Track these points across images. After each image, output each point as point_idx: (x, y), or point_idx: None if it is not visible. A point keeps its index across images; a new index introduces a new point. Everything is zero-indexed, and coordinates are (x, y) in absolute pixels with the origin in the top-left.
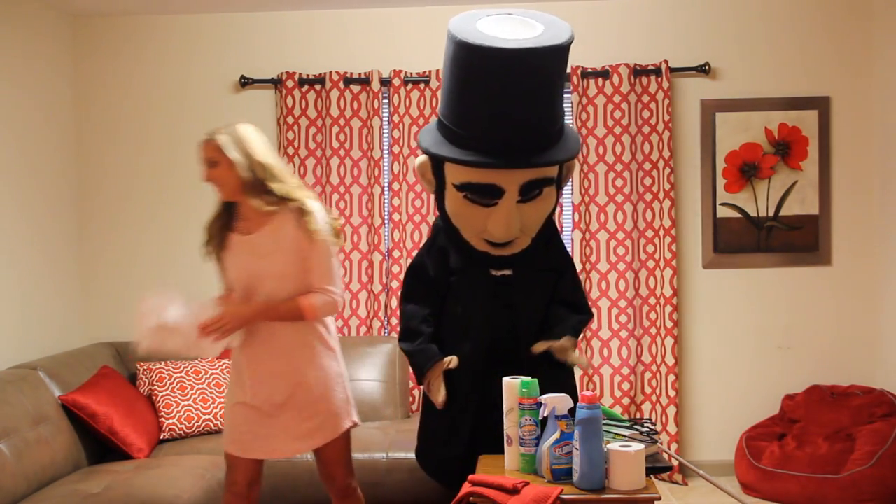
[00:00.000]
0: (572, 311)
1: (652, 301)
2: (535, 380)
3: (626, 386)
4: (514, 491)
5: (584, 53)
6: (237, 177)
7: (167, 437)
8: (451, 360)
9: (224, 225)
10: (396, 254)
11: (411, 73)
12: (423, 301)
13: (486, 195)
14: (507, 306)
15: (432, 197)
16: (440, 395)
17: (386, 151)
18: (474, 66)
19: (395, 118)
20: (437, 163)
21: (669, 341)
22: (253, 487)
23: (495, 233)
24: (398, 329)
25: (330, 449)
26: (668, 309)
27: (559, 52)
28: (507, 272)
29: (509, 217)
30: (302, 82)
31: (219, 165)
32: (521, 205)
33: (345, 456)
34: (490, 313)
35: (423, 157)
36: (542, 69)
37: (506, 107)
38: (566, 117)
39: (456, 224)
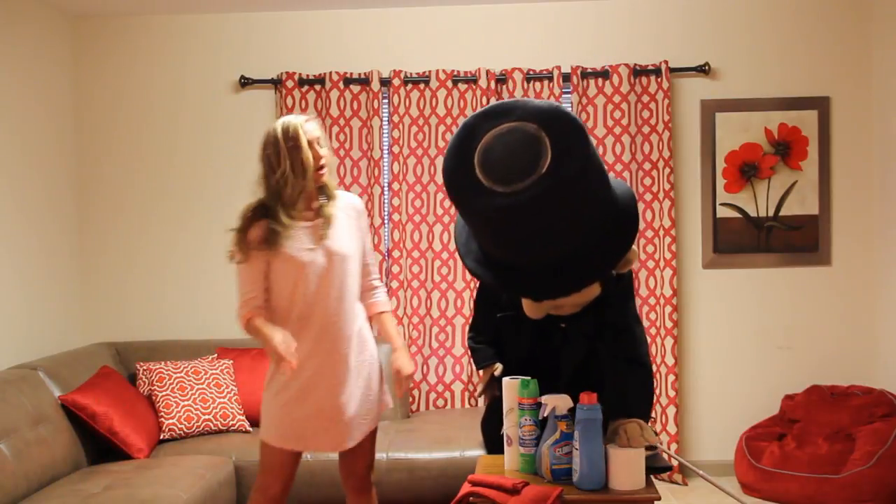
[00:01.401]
0: (624, 366)
1: (652, 301)
2: (535, 380)
3: None
4: (514, 491)
5: (584, 53)
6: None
7: (167, 437)
8: (498, 368)
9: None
10: (396, 254)
11: (411, 73)
12: (488, 305)
13: None
14: (553, 350)
15: (433, 197)
16: (478, 393)
17: (386, 151)
18: (456, 207)
19: (395, 118)
20: None
21: (669, 341)
22: (286, 493)
23: (525, 311)
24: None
25: (368, 436)
26: (668, 309)
27: (547, 202)
28: (561, 324)
29: (530, 308)
30: (302, 82)
31: (325, 147)
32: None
33: (374, 444)
34: (533, 355)
35: None
36: (527, 220)
37: (496, 247)
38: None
39: None
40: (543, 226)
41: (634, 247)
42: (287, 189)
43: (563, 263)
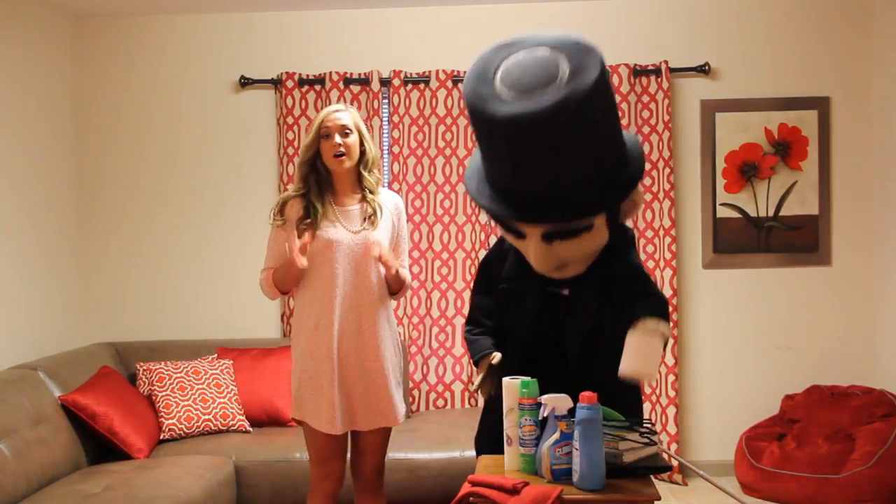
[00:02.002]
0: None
1: None
2: (535, 380)
3: None
4: (514, 491)
5: None
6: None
7: (167, 437)
8: (495, 357)
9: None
10: None
11: (411, 73)
12: (488, 294)
13: (510, 231)
14: (557, 322)
15: (433, 197)
16: (475, 386)
17: (386, 151)
18: (477, 125)
19: (395, 118)
20: None
21: (669, 341)
22: (337, 486)
23: (531, 263)
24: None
25: (377, 438)
26: (668, 309)
27: (566, 111)
28: (564, 291)
29: (538, 256)
30: (302, 82)
31: (350, 135)
32: (555, 243)
33: (385, 447)
34: (538, 329)
35: None
36: (545, 134)
37: (513, 168)
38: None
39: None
40: (559, 142)
41: (641, 188)
42: (302, 171)
43: (573, 189)
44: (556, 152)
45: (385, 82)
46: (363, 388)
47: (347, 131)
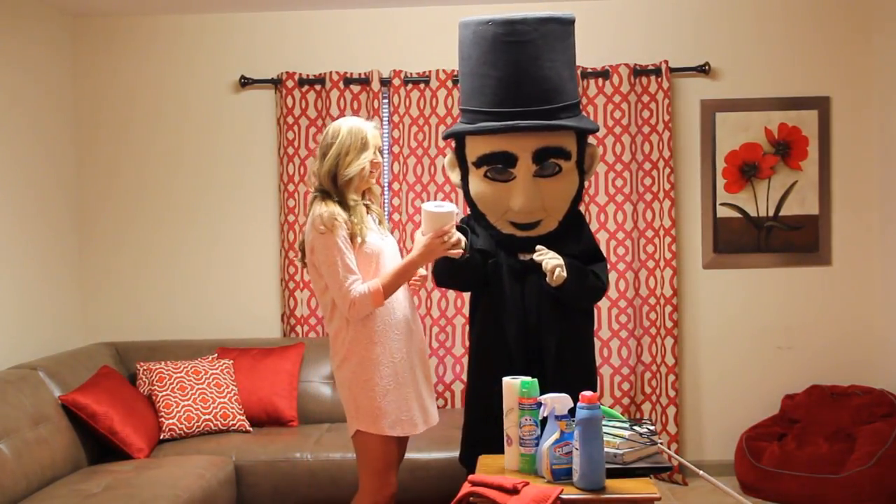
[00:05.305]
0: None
1: (652, 301)
2: (535, 380)
3: (626, 386)
4: (514, 491)
5: (584, 53)
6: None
7: (167, 437)
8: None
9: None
10: None
11: (411, 73)
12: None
13: (501, 164)
14: (535, 291)
15: (433, 197)
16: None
17: (386, 151)
18: (470, 39)
19: (395, 118)
20: (459, 149)
21: (669, 341)
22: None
23: (516, 205)
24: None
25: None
26: (668, 309)
27: (540, 24)
28: (531, 256)
29: (527, 188)
30: (302, 82)
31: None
32: (540, 180)
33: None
34: (518, 298)
35: (449, 155)
36: (523, 36)
37: (501, 71)
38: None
39: (482, 209)
40: (518, 47)
41: (600, 148)
42: (350, 185)
43: (538, 113)
44: (529, 55)
45: (385, 82)
46: (428, 384)
47: (381, 150)
